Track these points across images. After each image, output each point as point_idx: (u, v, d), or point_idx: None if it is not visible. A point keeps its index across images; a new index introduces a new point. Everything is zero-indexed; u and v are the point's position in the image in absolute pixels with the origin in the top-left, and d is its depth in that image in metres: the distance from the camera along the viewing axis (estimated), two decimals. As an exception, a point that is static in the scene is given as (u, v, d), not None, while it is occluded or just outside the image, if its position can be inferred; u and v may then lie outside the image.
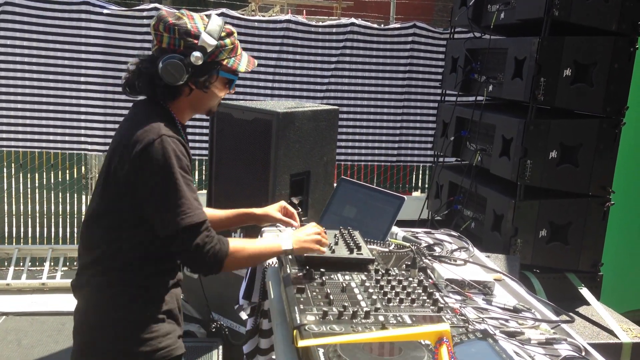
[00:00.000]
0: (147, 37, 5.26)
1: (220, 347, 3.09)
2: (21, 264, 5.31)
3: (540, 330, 1.90)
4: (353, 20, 5.77)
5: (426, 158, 6.01)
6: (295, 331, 1.55)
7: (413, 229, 2.82)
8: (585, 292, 3.57)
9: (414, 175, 6.42)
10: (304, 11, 10.68)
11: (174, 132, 1.86)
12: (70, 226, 5.67)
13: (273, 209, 2.29)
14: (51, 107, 5.23)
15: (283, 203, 2.31)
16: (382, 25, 6.02)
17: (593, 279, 3.71)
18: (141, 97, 2.00)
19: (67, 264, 5.50)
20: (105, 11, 5.20)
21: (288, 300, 1.84)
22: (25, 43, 5.09)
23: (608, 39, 3.49)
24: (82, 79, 5.25)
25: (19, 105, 5.16)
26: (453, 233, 2.80)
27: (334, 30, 5.70)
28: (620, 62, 3.51)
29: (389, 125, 5.92)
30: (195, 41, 1.87)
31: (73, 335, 1.94)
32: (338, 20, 5.90)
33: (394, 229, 2.59)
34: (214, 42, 1.89)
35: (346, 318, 1.70)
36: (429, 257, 2.34)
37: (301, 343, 1.28)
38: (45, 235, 5.61)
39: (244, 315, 2.78)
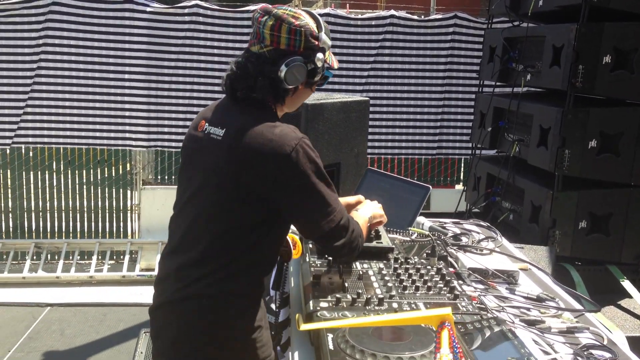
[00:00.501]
0: (188, 33, 5.37)
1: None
2: (70, 257, 5.50)
3: (563, 319, 1.86)
4: (392, 12, 5.74)
5: (467, 151, 5.92)
6: (297, 315, 1.57)
7: (442, 220, 2.79)
8: (627, 284, 3.46)
9: (455, 169, 6.34)
10: (347, 5, 10.65)
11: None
12: (116, 220, 5.84)
13: (348, 203, 2.16)
14: (97, 105, 5.39)
15: (362, 198, 2.20)
16: (423, 17, 5.95)
17: (636, 271, 3.60)
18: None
19: (114, 257, 5.67)
20: (148, 9, 5.33)
21: (304, 288, 1.86)
22: (71, 42, 5.27)
23: (649, 24, 3.37)
24: (127, 76, 5.40)
25: (67, 103, 5.35)
26: (482, 223, 2.76)
27: (374, 22, 5.68)
28: (663, 48, 3.38)
29: (429, 118, 5.86)
30: (317, 42, 1.83)
31: (173, 346, 1.85)
32: (377, 13, 5.87)
33: (421, 219, 2.57)
34: (329, 42, 1.87)
35: (359, 305, 1.71)
36: (453, 247, 2.32)
37: (303, 327, 1.30)
38: (92, 230, 5.80)
39: (273, 307, 2.81)
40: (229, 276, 1.80)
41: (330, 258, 1.94)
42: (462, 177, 6.38)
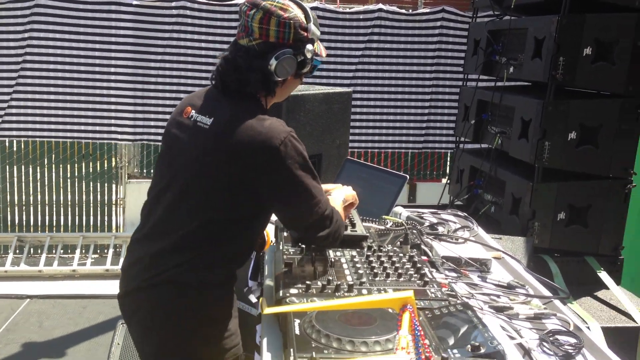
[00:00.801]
0: (175, 27, 5.35)
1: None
2: (53, 251, 5.48)
3: (531, 306, 1.88)
4: (380, 5, 5.74)
5: (454, 144, 5.94)
6: (261, 299, 1.58)
7: (420, 210, 2.81)
8: (604, 275, 3.48)
9: (441, 162, 6.35)
10: (338, 1, 10.65)
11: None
12: (101, 214, 5.82)
13: (327, 192, 2.17)
14: (82, 98, 5.36)
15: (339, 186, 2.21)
16: (410, 11, 5.96)
17: (613, 262, 3.62)
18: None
19: (98, 251, 5.66)
20: (134, 2, 5.31)
21: (275, 276, 1.88)
22: (57, 35, 5.24)
23: (631, 16, 3.38)
24: (112, 69, 5.37)
25: (52, 97, 5.31)
26: (459, 213, 2.78)
27: (362, 16, 5.68)
28: (643, 40, 3.40)
29: (417, 112, 5.87)
30: (306, 34, 1.83)
31: (146, 332, 1.88)
32: (366, 7, 5.88)
33: (399, 209, 2.58)
34: (318, 33, 1.87)
35: (329, 291, 1.72)
36: (428, 236, 2.33)
37: (266, 310, 1.31)
38: (76, 223, 5.78)
39: (253, 298, 2.81)
40: (207, 265, 1.81)
41: (304, 245, 1.96)
42: (448, 171, 6.40)
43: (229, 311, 1.89)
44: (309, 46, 1.83)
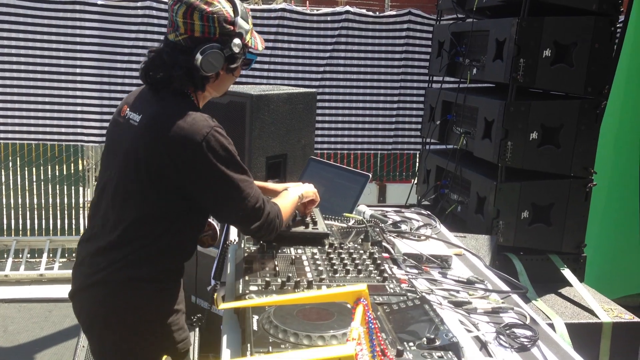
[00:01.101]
0: (141, 27, 5.32)
1: (197, 329, 3.13)
2: (20, 255, 5.39)
3: (489, 300, 1.91)
4: (348, 7, 5.78)
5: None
6: (216, 295, 1.58)
7: (384, 208, 2.83)
8: (567, 272, 3.55)
9: (410, 163, 6.41)
10: (307, 2, 10.69)
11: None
12: (68, 218, 5.74)
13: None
14: (47, 99, 5.29)
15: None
16: (378, 13, 6.01)
17: (576, 260, 3.70)
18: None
19: (66, 255, 5.58)
20: (99, 2, 5.26)
21: (236, 273, 1.88)
22: (21, 35, 5.16)
23: (588, 19, 3.46)
24: (78, 70, 5.32)
25: (16, 98, 5.24)
26: (422, 212, 2.82)
27: (329, 18, 5.72)
28: (601, 42, 3.47)
29: (385, 114, 5.93)
30: (232, 27, 1.82)
31: (88, 331, 1.89)
32: (333, 9, 5.91)
33: (362, 207, 2.60)
34: (247, 27, 1.86)
35: (288, 288, 1.73)
36: (390, 233, 2.35)
37: (222, 306, 1.31)
38: (43, 227, 5.69)
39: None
40: (137, 262, 1.82)
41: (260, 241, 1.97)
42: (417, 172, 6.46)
43: (168, 307, 1.88)
44: (236, 40, 1.82)
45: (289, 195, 2.05)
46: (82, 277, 1.87)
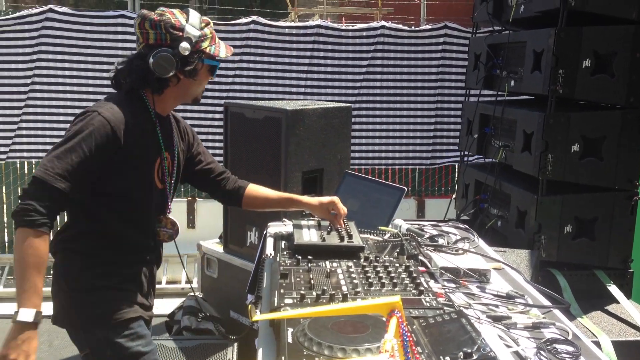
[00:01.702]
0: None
1: (236, 344, 3.14)
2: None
3: (530, 315, 1.86)
4: (383, 23, 5.79)
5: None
6: (250, 306, 1.58)
7: (421, 222, 2.81)
8: (613, 289, 3.44)
9: (449, 178, 6.34)
10: (344, 19, 10.77)
11: (127, 116, 1.98)
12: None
13: (321, 203, 2.31)
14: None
15: (336, 199, 2.31)
16: (413, 27, 6.00)
17: (623, 275, 3.58)
18: None
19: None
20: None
21: (271, 286, 1.88)
22: (65, 57, 5.31)
23: (628, 28, 3.38)
24: (106, 89, 5.42)
25: (61, 118, 5.37)
26: (460, 225, 2.77)
27: (365, 33, 5.73)
28: (642, 51, 3.40)
29: (422, 128, 5.89)
30: (180, 33, 2.02)
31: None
32: (369, 24, 5.92)
33: (399, 221, 2.58)
34: (197, 32, 2.05)
35: (323, 301, 1.72)
36: (427, 247, 2.33)
37: (255, 317, 1.32)
38: None
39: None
40: (71, 235, 2.09)
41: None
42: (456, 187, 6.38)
43: (95, 280, 2.06)
44: (184, 44, 2.00)
45: (28, 282, 1.85)
46: None
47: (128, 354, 2.07)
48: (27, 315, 1.81)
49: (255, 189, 2.41)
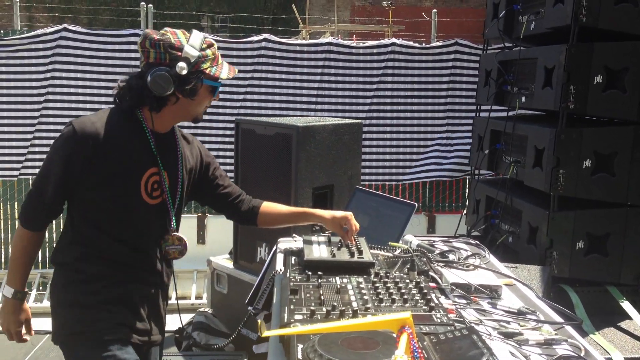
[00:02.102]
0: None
1: (246, 359, 3.14)
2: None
3: (542, 331, 1.85)
4: (394, 40, 5.82)
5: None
6: (260, 321, 1.58)
7: (431, 238, 2.80)
8: (626, 305, 3.41)
9: (459, 194, 6.32)
10: (354, 36, 10.83)
11: (109, 128, 2.04)
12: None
13: (334, 217, 2.30)
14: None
15: (349, 214, 2.30)
16: (424, 44, 6.02)
17: (636, 292, 3.55)
18: None
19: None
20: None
21: (281, 302, 1.88)
22: (79, 75, 5.37)
23: (639, 44, 3.38)
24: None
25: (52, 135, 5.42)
26: (471, 241, 2.76)
27: (375, 50, 5.75)
28: (654, 67, 3.39)
29: (433, 144, 5.88)
30: (179, 53, 2.03)
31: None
32: (379, 41, 5.95)
33: (409, 237, 2.57)
34: (196, 53, 2.05)
35: (334, 317, 1.71)
36: (438, 263, 2.32)
37: (265, 333, 1.32)
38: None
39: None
40: (60, 247, 2.12)
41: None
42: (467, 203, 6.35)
43: (77, 295, 2.07)
44: (181, 64, 2.00)
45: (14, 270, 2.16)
46: None
47: None
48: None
49: (269, 207, 2.40)
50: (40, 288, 5.42)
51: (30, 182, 5.65)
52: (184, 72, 2.01)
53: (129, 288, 2.12)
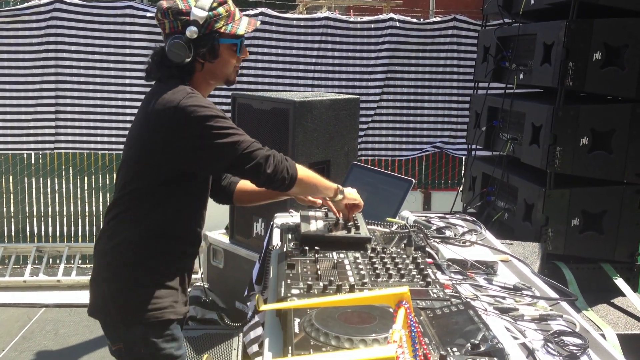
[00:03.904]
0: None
1: (241, 334, 3.15)
2: (72, 261, 5.53)
3: (537, 307, 1.86)
4: (392, 15, 5.76)
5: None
6: (257, 296, 1.58)
7: (428, 214, 2.80)
8: (620, 282, 3.43)
9: (456, 171, 6.32)
10: (352, 11, 10.70)
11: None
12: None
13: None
14: (98, 109, 5.42)
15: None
16: (422, 20, 5.97)
17: (630, 269, 3.57)
18: None
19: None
20: (148, 14, 5.37)
21: (278, 276, 1.88)
22: (73, 47, 5.32)
23: (639, 20, 3.36)
24: (127, 80, 5.44)
25: (69, 109, 5.39)
26: (467, 217, 2.77)
27: (373, 25, 5.70)
28: (654, 43, 3.37)
29: (429, 119, 5.86)
30: (188, 17, 1.99)
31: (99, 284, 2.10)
32: (377, 16, 5.89)
33: (406, 213, 2.58)
34: (204, 14, 2.00)
35: (330, 292, 1.72)
36: (434, 239, 2.32)
37: (262, 307, 1.32)
38: (94, 234, 5.83)
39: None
40: (129, 219, 2.03)
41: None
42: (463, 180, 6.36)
43: (143, 274, 2.02)
44: (192, 28, 1.96)
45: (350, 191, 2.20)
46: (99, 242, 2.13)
47: (161, 355, 2.01)
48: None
49: (245, 184, 2.36)
50: (36, 262, 5.44)
51: (25, 156, 5.63)
52: (195, 36, 1.97)
53: (185, 263, 2.13)
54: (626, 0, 3.36)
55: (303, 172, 2.09)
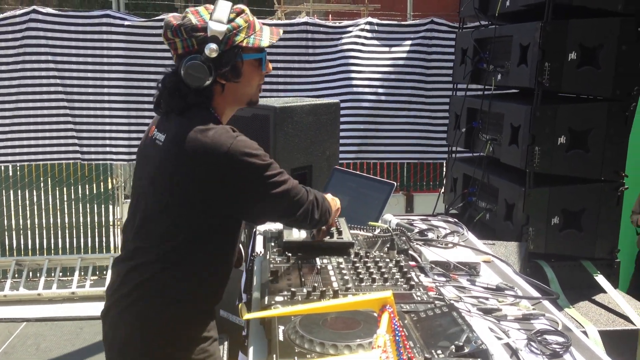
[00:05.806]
0: (166, 46, 5.38)
1: (226, 343, 3.13)
2: (52, 274, 5.47)
3: (519, 307, 1.87)
4: (369, 19, 5.79)
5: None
6: (240, 305, 1.58)
7: (410, 217, 2.81)
8: (600, 279, 3.47)
9: (437, 173, 6.36)
10: (330, 16, 10.74)
11: None
12: (98, 236, 5.82)
13: None
14: (77, 119, 5.38)
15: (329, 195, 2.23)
16: (400, 22, 6.00)
17: (610, 265, 3.61)
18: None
19: (97, 272, 5.65)
20: (125, 23, 5.35)
21: (262, 284, 1.88)
22: (49, 57, 5.27)
23: (614, 20, 3.40)
24: (105, 90, 5.40)
25: (46, 119, 5.33)
26: (449, 219, 2.79)
27: (351, 29, 5.72)
28: (628, 44, 3.41)
29: (409, 121, 5.87)
30: (204, 33, 1.75)
31: (127, 349, 1.81)
32: (355, 20, 5.92)
33: (388, 216, 2.58)
34: (223, 28, 1.75)
35: (314, 298, 1.72)
36: (417, 241, 2.33)
37: (246, 316, 1.31)
38: (74, 246, 5.78)
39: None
40: (172, 283, 1.78)
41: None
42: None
43: (202, 332, 1.84)
44: (212, 45, 1.73)
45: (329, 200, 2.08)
46: (114, 296, 1.84)
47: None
48: None
49: None
50: (16, 276, 5.37)
51: (2, 168, 5.56)
52: (215, 54, 1.74)
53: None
54: (600, 0, 3.41)
55: (332, 204, 2.03)
